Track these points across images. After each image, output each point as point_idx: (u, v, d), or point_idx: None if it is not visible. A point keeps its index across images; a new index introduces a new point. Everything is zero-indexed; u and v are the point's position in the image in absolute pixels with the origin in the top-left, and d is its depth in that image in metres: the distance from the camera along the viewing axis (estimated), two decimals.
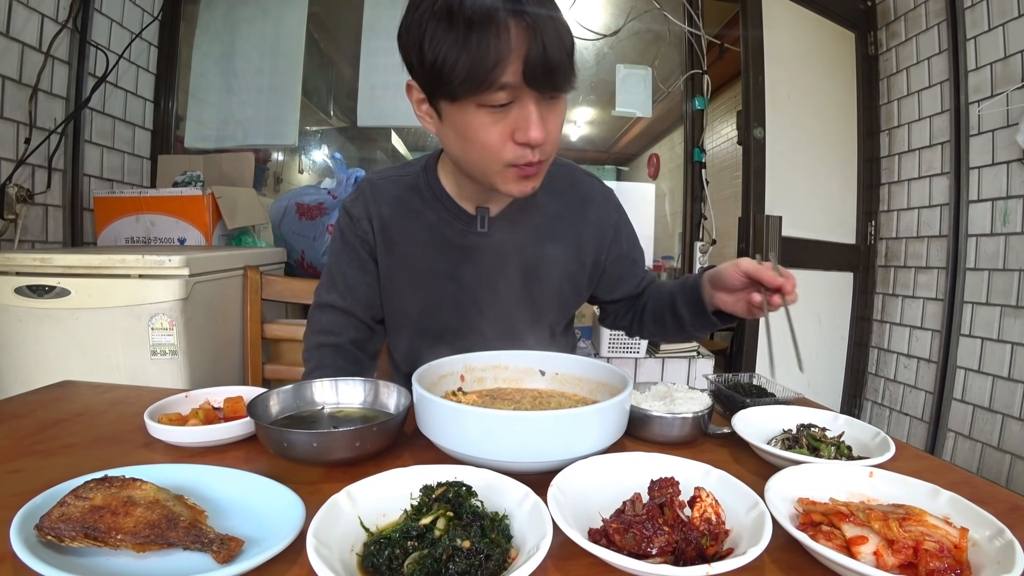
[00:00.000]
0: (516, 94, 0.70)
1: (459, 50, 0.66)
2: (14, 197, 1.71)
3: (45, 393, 0.90)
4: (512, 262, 0.94)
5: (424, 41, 0.69)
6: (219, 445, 0.69)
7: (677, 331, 0.99)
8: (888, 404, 2.40)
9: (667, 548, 0.45)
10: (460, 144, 0.77)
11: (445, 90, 0.70)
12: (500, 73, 0.67)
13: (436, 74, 0.69)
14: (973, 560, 0.46)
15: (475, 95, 0.69)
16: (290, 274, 1.95)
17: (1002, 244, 1.90)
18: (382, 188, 0.95)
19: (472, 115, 0.71)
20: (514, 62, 0.67)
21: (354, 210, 0.95)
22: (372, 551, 0.44)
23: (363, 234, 0.94)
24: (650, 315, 1.02)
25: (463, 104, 0.71)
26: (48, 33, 1.84)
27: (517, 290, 0.94)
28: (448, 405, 0.60)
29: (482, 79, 0.67)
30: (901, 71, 2.32)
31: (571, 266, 0.97)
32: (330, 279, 0.98)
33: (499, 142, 0.73)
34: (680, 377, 2.10)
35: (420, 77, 0.74)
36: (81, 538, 0.44)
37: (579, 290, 1.01)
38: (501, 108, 0.71)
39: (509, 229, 0.93)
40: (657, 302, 1.01)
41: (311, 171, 2.57)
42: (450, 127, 0.76)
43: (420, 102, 0.78)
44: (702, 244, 2.40)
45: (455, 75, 0.67)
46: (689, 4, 2.45)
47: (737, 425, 0.71)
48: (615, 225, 1.01)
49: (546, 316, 0.99)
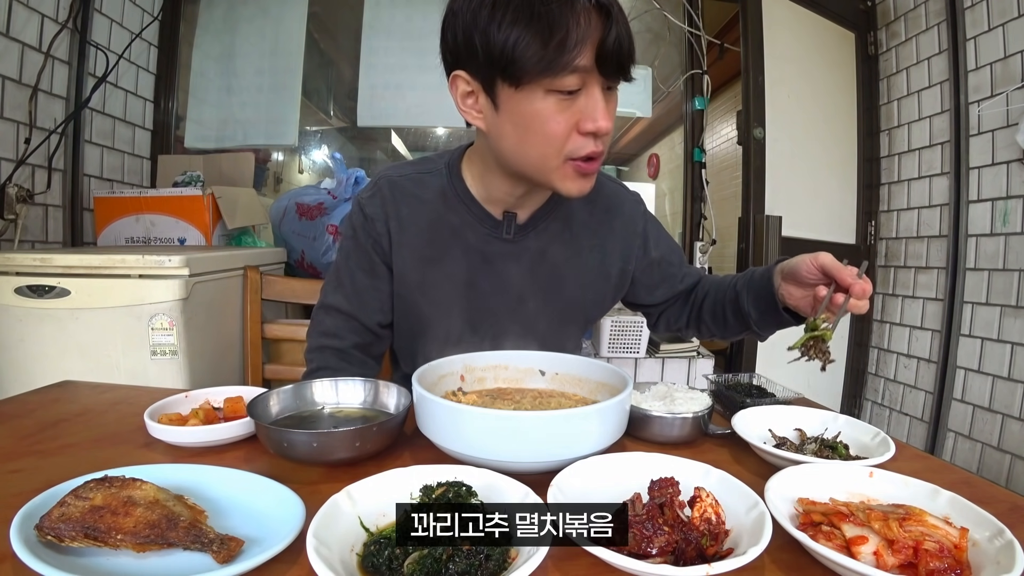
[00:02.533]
0: (585, 80, 0.69)
1: (536, 29, 0.65)
2: (14, 197, 1.71)
3: (45, 393, 0.90)
4: (535, 271, 0.90)
5: (491, 21, 0.66)
6: (219, 445, 0.69)
7: (739, 329, 0.93)
8: (888, 404, 2.40)
9: (667, 548, 0.45)
10: (518, 136, 0.73)
11: (513, 74, 0.68)
12: (577, 55, 0.66)
13: (506, 56, 0.66)
14: (973, 560, 0.46)
15: (548, 78, 0.67)
16: (290, 274, 1.95)
17: (1002, 244, 1.90)
18: (401, 186, 0.89)
19: (539, 102, 0.69)
20: (590, 45, 0.66)
21: (369, 209, 0.89)
22: (372, 551, 0.44)
23: (377, 235, 0.89)
24: (709, 312, 0.97)
25: (530, 90, 0.69)
26: (48, 33, 1.84)
27: (538, 300, 0.92)
28: (448, 405, 0.60)
29: (559, 60, 0.65)
30: (901, 71, 2.32)
31: (595, 276, 0.94)
32: (337, 279, 0.94)
33: (564, 131, 0.71)
34: (680, 377, 2.10)
35: (479, 62, 0.70)
36: (81, 538, 0.44)
37: (602, 300, 0.98)
38: (569, 95, 0.69)
39: (535, 236, 0.90)
40: (717, 297, 0.95)
41: (311, 171, 2.57)
42: (508, 118, 0.72)
43: (469, 95, 0.75)
44: (702, 244, 2.40)
45: (529, 56, 0.65)
46: (689, 4, 2.45)
47: (737, 425, 0.71)
48: (642, 233, 0.97)
49: (566, 326, 0.97)
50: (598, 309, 1.00)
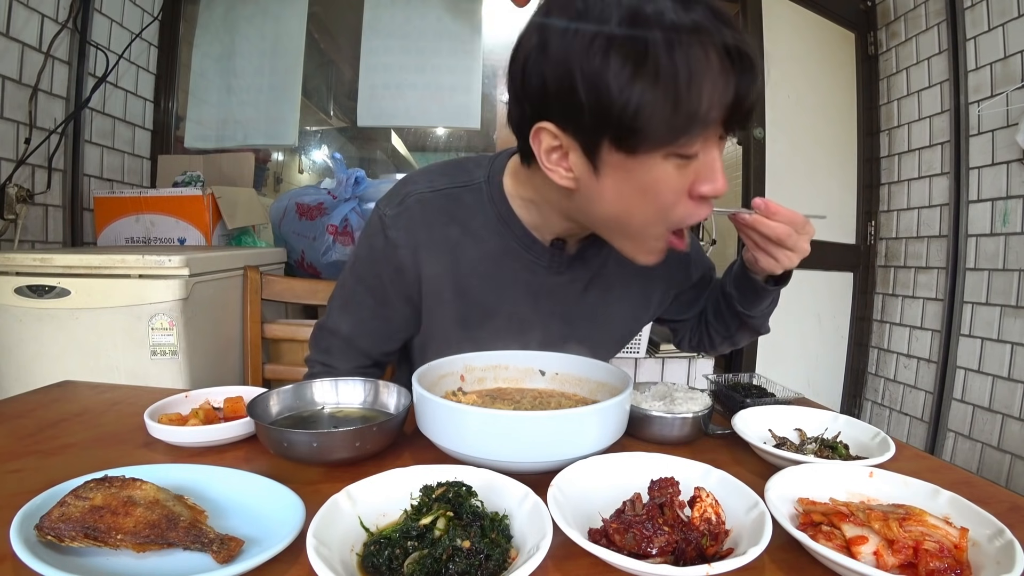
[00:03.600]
0: (707, 139, 0.58)
1: (666, 90, 0.53)
2: (14, 197, 1.71)
3: (45, 393, 0.90)
4: (575, 302, 0.84)
5: (604, 76, 0.53)
6: (219, 445, 0.69)
7: (732, 317, 0.89)
8: (888, 404, 2.40)
9: (667, 548, 0.45)
10: (623, 204, 0.62)
11: (630, 141, 0.56)
12: (711, 116, 0.55)
13: (624, 121, 0.54)
14: (973, 560, 0.46)
15: (672, 146, 0.56)
16: (290, 274, 1.95)
17: (1002, 244, 1.90)
18: (433, 206, 0.78)
19: (657, 168, 0.58)
20: (723, 102, 0.56)
21: (394, 232, 0.78)
22: (372, 551, 0.44)
23: (399, 264, 0.79)
24: (711, 312, 0.94)
25: (647, 156, 0.57)
26: (48, 33, 1.84)
27: (579, 331, 0.87)
28: (448, 405, 0.60)
29: (691, 128, 0.55)
30: (901, 71, 2.32)
31: (637, 306, 0.90)
32: (345, 300, 0.87)
33: (677, 196, 0.61)
34: (680, 377, 2.10)
35: (580, 119, 0.57)
36: (81, 538, 0.44)
37: (636, 328, 0.94)
38: (688, 158, 0.59)
39: (581, 267, 0.82)
40: (712, 297, 0.94)
41: (311, 171, 2.57)
42: (613, 184, 0.61)
43: (556, 149, 0.62)
44: (702, 244, 2.40)
45: (655, 122, 0.54)
46: None
47: (737, 425, 0.71)
48: (687, 258, 0.91)
49: (597, 352, 0.87)
50: (631, 335, 0.96)
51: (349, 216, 1.95)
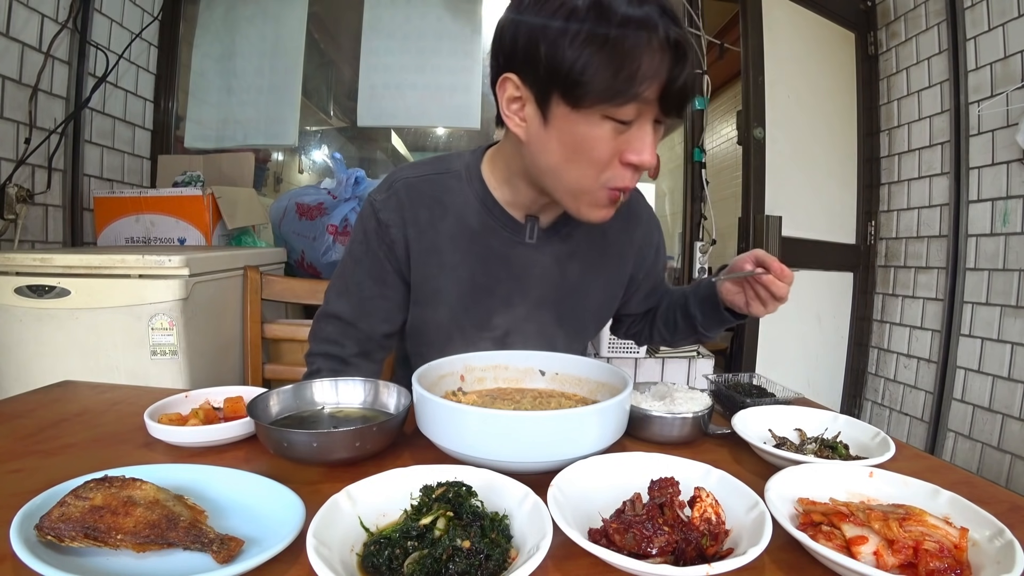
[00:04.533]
0: (641, 112, 0.68)
1: (610, 56, 0.63)
2: (14, 197, 1.71)
3: (45, 393, 0.90)
4: (555, 277, 0.90)
5: (563, 35, 0.64)
6: (219, 445, 0.69)
7: (688, 332, 0.98)
8: (888, 404, 2.40)
9: (667, 548, 0.45)
10: (564, 155, 0.72)
11: (575, 94, 0.66)
12: (645, 88, 0.65)
13: (572, 75, 0.65)
14: (973, 560, 0.46)
15: (609, 105, 0.66)
16: (290, 274, 1.95)
17: (1002, 244, 1.90)
18: (418, 189, 0.87)
19: (595, 126, 0.68)
20: (657, 81, 0.65)
21: (384, 214, 0.86)
22: (372, 551, 0.44)
23: (391, 243, 0.86)
24: (661, 319, 1.02)
25: (587, 112, 0.67)
26: (48, 33, 1.84)
27: (557, 305, 0.91)
28: (448, 405, 0.60)
29: (627, 91, 0.64)
30: (901, 71, 2.32)
31: (610, 282, 0.95)
32: (343, 285, 0.91)
33: (608, 159, 0.71)
34: (680, 377, 2.10)
35: (538, 73, 0.68)
36: (81, 538, 0.44)
37: (613, 305, 1.00)
38: (623, 124, 0.68)
39: (557, 242, 0.89)
40: (668, 305, 1.00)
41: (311, 171, 2.57)
42: (558, 135, 0.71)
43: (515, 100, 0.73)
44: (702, 244, 2.40)
45: (598, 81, 0.64)
46: (689, 4, 2.45)
47: (737, 425, 0.71)
48: (656, 245, 0.99)
49: (580, 332, 0.97)
50: (609, 314, 1.01)
51: (349, 216, 1.95)
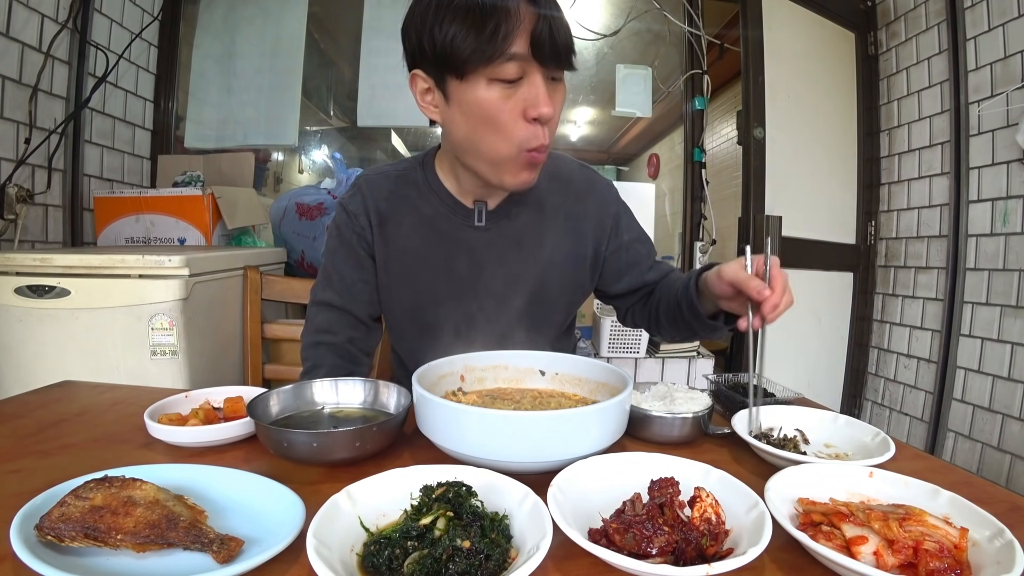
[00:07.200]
0: (525, 68, 0.73)
1: (470, 23, 0.70)
2: (14, 197, 1.71)
3: (45, 393, 0.90)
4: (511, 256, 0.93)
5: (434, 21, 0.72)
6: (219, 445, 0.69)
7: (693, 336, 0.95)
8: (888, 404, 2.40)
9: (667, 548, 0.45)
10: (469, 126, 0.77)
11: (455, 66, 0.72)
12: (510, 44, 0.70)
13: (447, 50, 0.71)
14: (973, 560, 0.46)
15: (486, 66, 0.71)
16: (290, 274, 1.95)
17: (1002, 244, 1.90)
18: (378, 183, 0.95)
19: (483, 91, 0.73)
20: (522, 34, 0.71)
21: (351, 206, 0.95)
22: (372, 551, 0.44)
23: (360, 230, 0.94)
24: (665, 316, 0.96)
25: (473, 81, 0.73)
26: (48, 33, 1.84)
27: (517, 284, 0.94)
28: (448, 405, 0.60)
29: (493, 48, 0.70)
30: (901, 71, 2.32)
31: (571, 259, 0.96)
32: (326, 277, 0.98)
33: (511, 119, 0.75)
34: (680, 377, 2.10)
35: (429, 60, 0.75)
36: (81, 538, 0.44)
37: (581, 282, 0.99)
38: (511, 84, 0.73)
39: (507, 223, 0.93)
40: (668, 303, 0.94)
41: (311, 171, 2.57)
42: (458, 109, 0.77)
43: (425, 92, 0.81)
44: (702, 244, 2.40)
45: (466, 47, 0.70)
46: (689, 4, 2.45)
47: (737, 425, 0.71)
48: (615, 215, 0.99)
49: (548, 310, 0.98)
50: (579, 292, 1.01)
51: None
